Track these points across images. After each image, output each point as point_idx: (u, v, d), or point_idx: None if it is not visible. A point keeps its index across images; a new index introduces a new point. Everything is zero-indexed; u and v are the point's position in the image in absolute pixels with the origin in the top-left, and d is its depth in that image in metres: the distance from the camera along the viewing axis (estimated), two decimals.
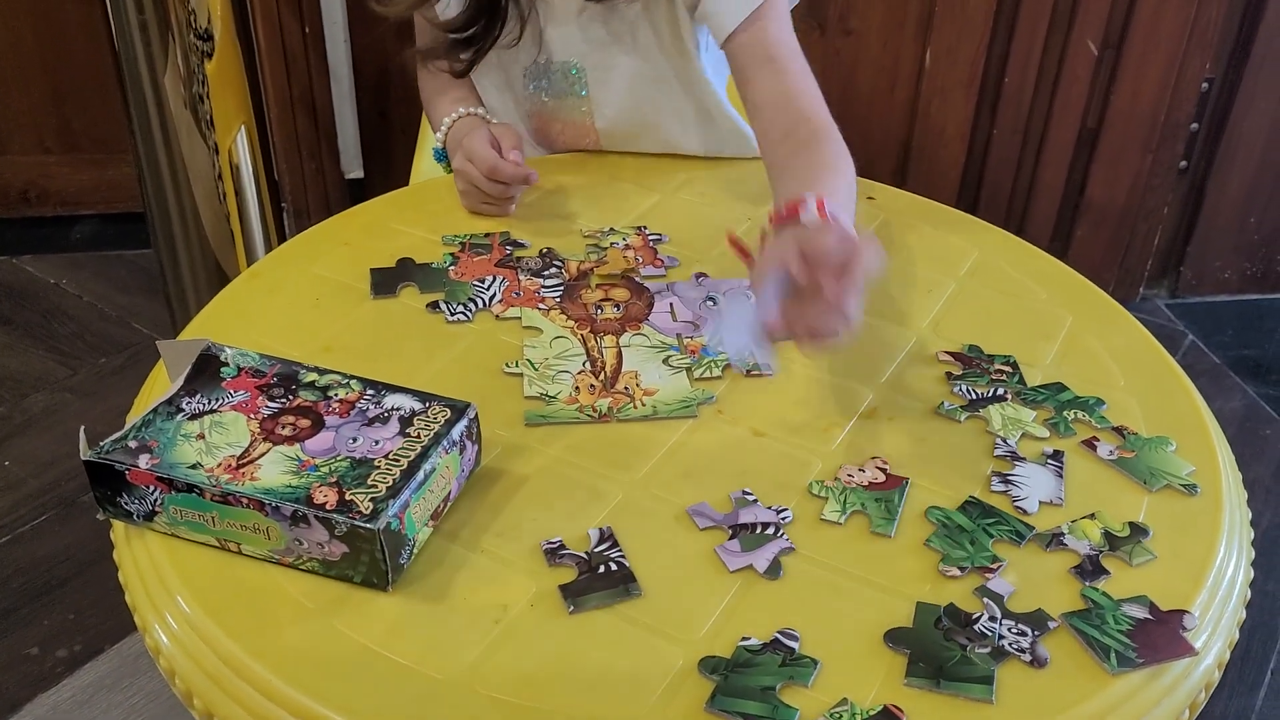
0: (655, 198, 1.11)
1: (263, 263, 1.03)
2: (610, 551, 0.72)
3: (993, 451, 0.81)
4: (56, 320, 1.97)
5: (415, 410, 0.76)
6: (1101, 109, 1.87)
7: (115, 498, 0.73)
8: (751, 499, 0.76)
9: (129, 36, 1.55)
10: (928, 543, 0.73)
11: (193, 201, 1.67)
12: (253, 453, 0.73)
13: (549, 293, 0.96)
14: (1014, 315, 0.96)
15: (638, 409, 0.83)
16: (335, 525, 0.68)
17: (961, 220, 1.11)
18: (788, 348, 0.81)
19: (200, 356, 0.80)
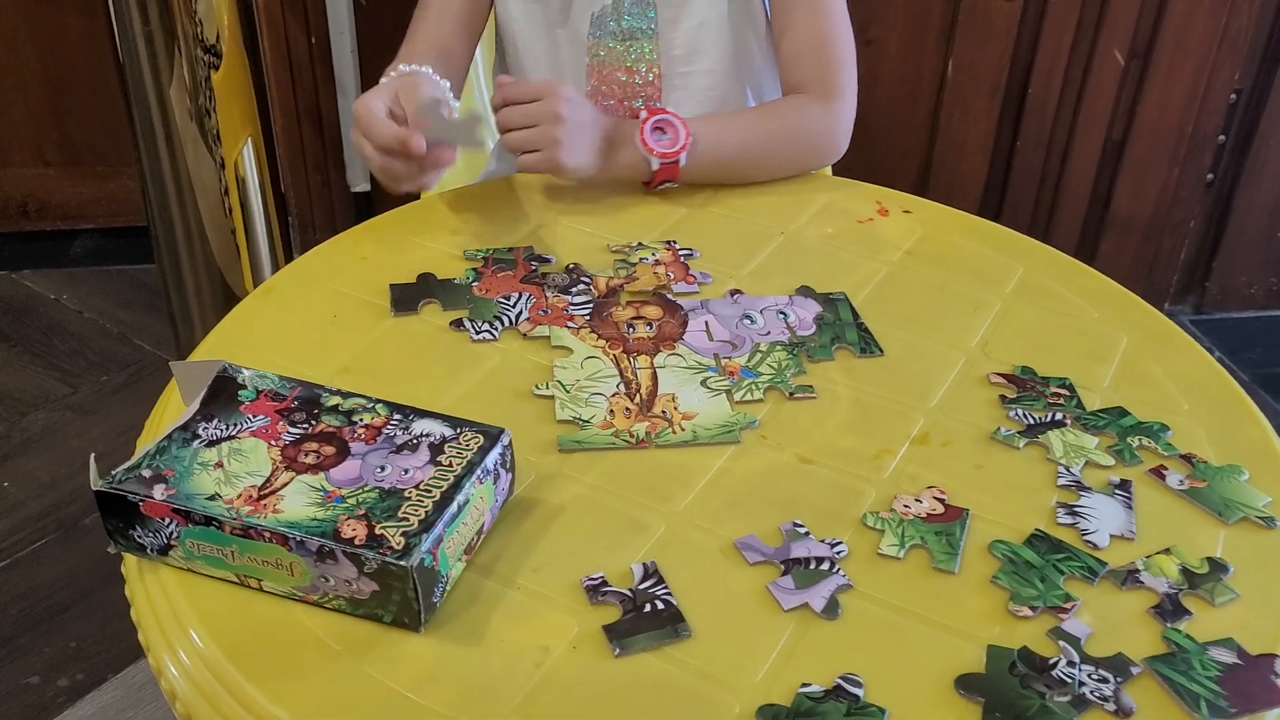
0: (683, 211, 1.07)
1: (277, 278, 0.98)
2: (656, 589, 0.68)
3: (1056, 480, 0.76)
4: (57, 337, 1.92)
5: (446, 436, 0.71)
6: (1128, 120, 1.83)
7: (128, 530, 0.68)
8: (803, 531, 0.72)
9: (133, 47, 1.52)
10: (994, 580, 0.69)
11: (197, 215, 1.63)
12: (275, 482, 0.68)
13: (578, 310, 0.91)
14: (1065, 335, 0.92)
15: (677, 434, 0.79)
16: (365, 561, 0.63)
17: (1003, 235, 1.07)
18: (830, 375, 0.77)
19: (216, 378, 0.76)
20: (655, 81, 1.11)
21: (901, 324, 0.92)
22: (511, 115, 1.01)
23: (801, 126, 1.09)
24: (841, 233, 1.04)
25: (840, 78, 1.09)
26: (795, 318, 0.91)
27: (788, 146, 1.09)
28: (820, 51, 1.09)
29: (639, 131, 1.04)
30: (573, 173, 1.03)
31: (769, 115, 1.11)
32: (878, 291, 0.96)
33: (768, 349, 0.88)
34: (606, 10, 1.09)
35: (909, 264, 1.00)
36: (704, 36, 1.11)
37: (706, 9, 1.10)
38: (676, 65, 1.12)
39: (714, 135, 1.06)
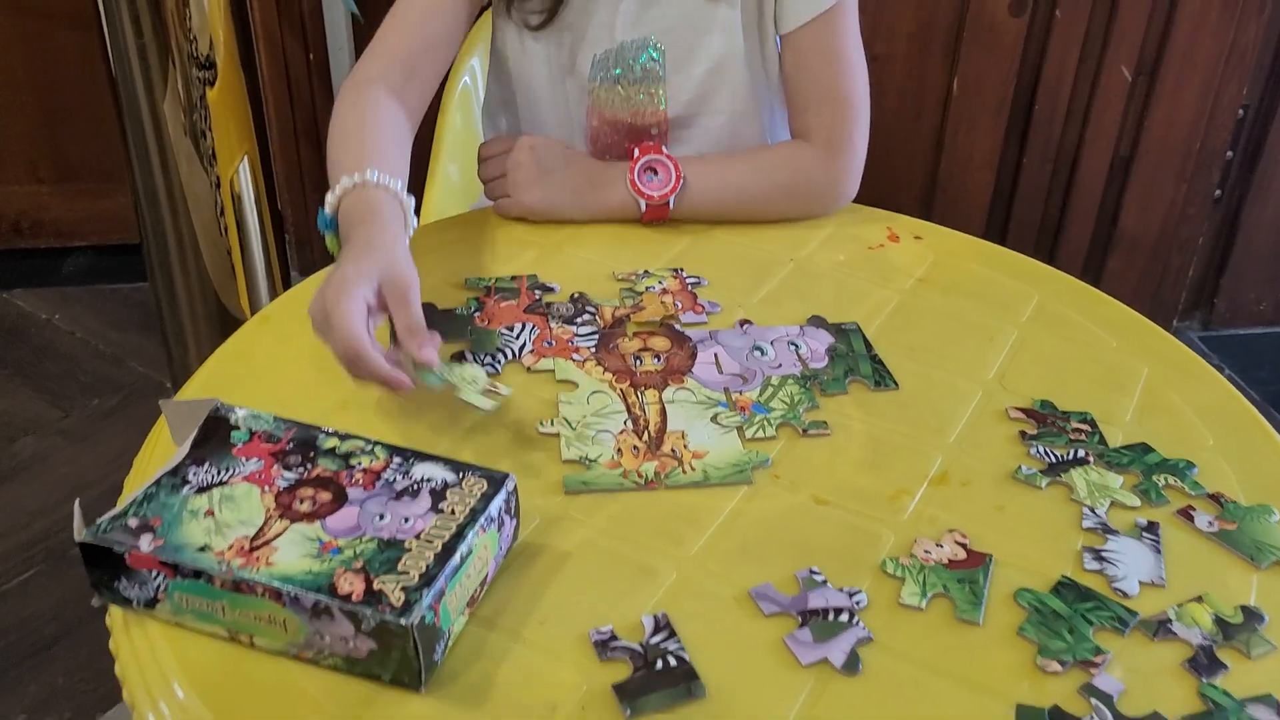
0: (689, 238, 1.04)
1: (274, 306, 0.95)
2: (668, 643, 0.65)
3: (1081, 523, 0.74)
4: (48, 358, 1.89)
5: (448, 482, 0.68)
6: (1135, 136, 1.81)
7: (113, 582, 0.65)
8: (820, 579, 0.69)
9: (127, 62, 1.49)
10: (1021, 631, 0.66)
11: (192, 232, 1.60)
12: (268, 532, 0.65)
13: (583, 342, 0.88)
14: (1085, 366, 0.89)
15: (687, 474, 0.76)
16: (362, 619, 0.60)
17: (1016, 261, 1.04)
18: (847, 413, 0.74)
19: (208, 419, 0.73)
20: (661, 124, 1.08)
21: (916, 355, 0.89)
22: (485, 168, 1.05)
23: (800, 179, 1.05)
24: (852, 259, 1.02)
25: (848, 131, 1.05)
26: (807, 349, 0.89)
27: (784, 197, 1.05)
28: (831, 102, 1.05)
29: (629, 172, 1.02)
30: (542, 213, 1.03)
31: (768, 164, 1.06)
32: (890, 321, 0.93)
33: (779, 382, 0.85)
34: (610, 54, 1.05)
35: (921, 292, 0.98)
36: (716, 80, 1.07)
37: (719, 52, 1.05)
38: (687, 108, 1.08)
39: (707, 180, 1.03)
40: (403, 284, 0.78)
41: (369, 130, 0.93)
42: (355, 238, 0.83)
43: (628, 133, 1.08)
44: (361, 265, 0.78)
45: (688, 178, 1.02)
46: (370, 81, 0.98)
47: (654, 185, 1.02)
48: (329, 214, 0.88)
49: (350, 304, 0.74)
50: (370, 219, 0.84)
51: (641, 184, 1.02)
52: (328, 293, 0.76)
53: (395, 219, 0.85)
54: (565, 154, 1.04)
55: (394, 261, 0.79)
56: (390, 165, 0.89)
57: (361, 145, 0.91)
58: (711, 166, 1.04)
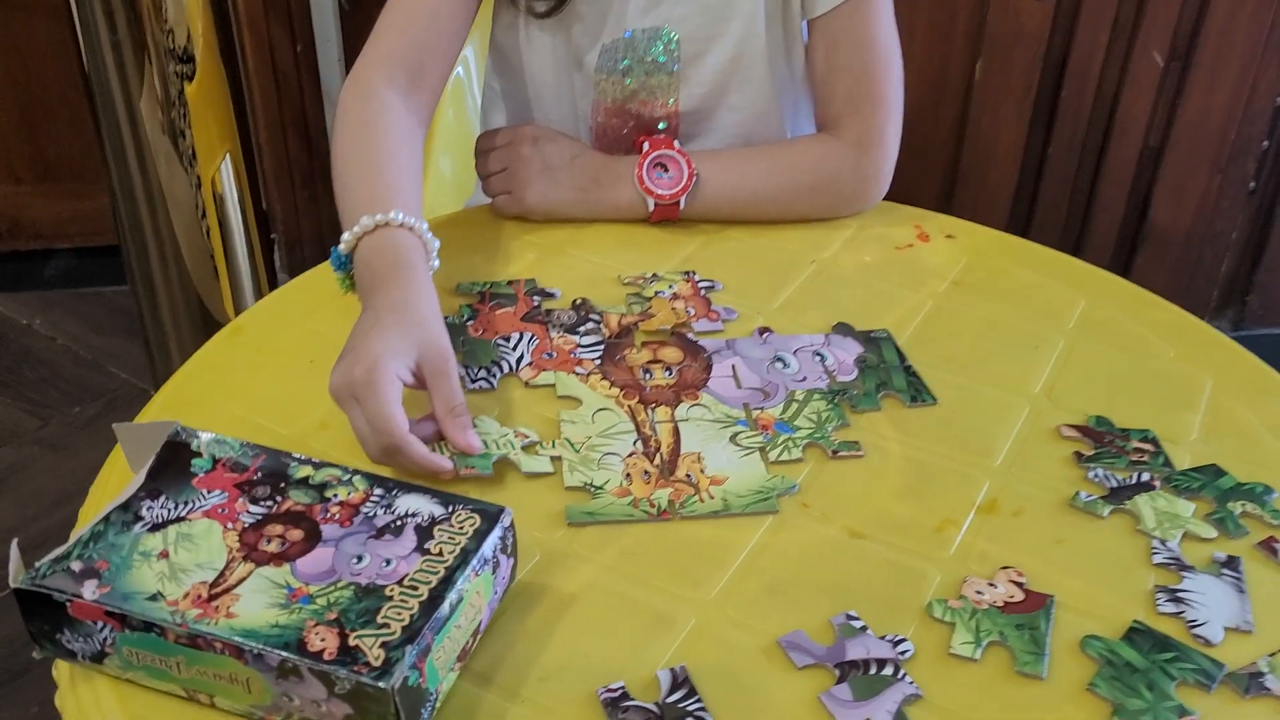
0: (701, 238, 0.95)
1: (247, 316, 0.87)
2: (688, 702, 0.56)
3: (1150, 557, 0.65)
4: (26, 365, 1.81)
5: (435, 516, 0.60)
6: (1166, 125, 1.73)
7: (55, 634, 0.57)
8: (859, 626, 0.60)
9: (100, 57, 1.42)
10: (1092, 687, 0.57)
11: (172, 234, 1.52)
12: (229, 577, 0.57)
13: (587, 353, 0.80)
14: (1142, 378, 0.81)
15: (705, 503, 0.68)
16: (336, 681, 0.52)
17: (1059, 261, 0.96)
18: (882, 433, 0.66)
19: (166, 445, 0.64)
20: (672, 119, 0.99)
21: (954, 366, 0.81)
22: (483, 162, 0.97)
23: (826, 177, 0.96)
24: (879, 261, 0.93)
25: (880, 125, 0.96)
26: (834, 360, 0.80)
27: (807, 198, 0.96)
28: (862, 92, 0.96)
29: (637, 168, 0.93)
30: (543, 212, 0.95)
31: (790, 161, 0.97)
32: (924, 328, 0.85)
33: (804, 398, 0.76)
34: (619, 44, 0.97)
35: (956, 296, 0.89)
36: (734, 73, 0.98)
37: (738, 43, 0.97)
38: (701, 102, 0.99)
39: (722, 177, 0.94)
40: (441, 358, 0.71)
41: (384, 153, 0.84)
42: (384, 299, 0.74)
43: (636, 125, 1.00)
44: (396, 339, 0.70)
45: (700, 175, 0.93)
46: (377, 85, 0.88)
47: (664, 183, 0.93)
48: (344, 253, 0.80)
49: (387, 390, 0.67)
50: (399, 274, 0.76)
51: (650, 181, 0.93)
52: (356, 372, 0.68)
53: (424, 270, 0.77)
54: (570, 147, 0.96)
55: (432, 334, 0.72)
56: (411, 198, 0.81)
57: (377, 172, 0.83)
58: (727, 163, 0.95)
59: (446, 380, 0.70)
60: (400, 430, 0.66)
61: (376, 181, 0.82)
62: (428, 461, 0.68)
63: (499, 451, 0.70)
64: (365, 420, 0.67)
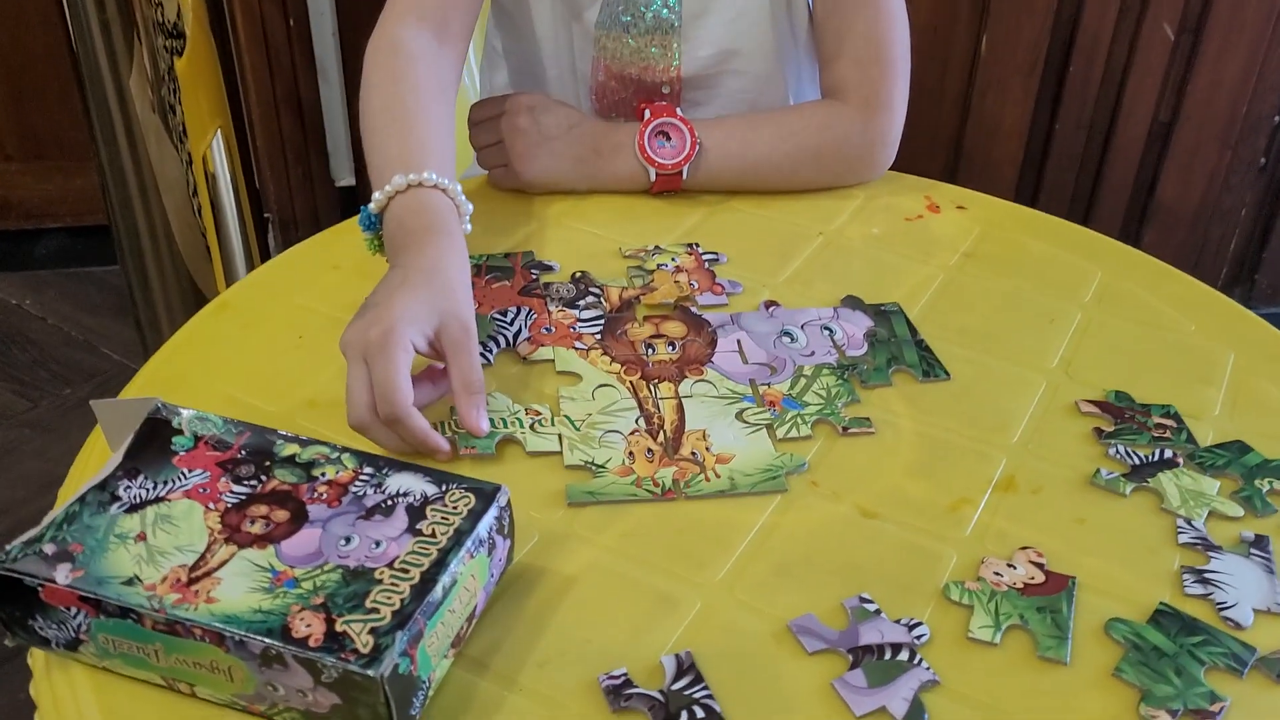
0: (704, 209, 0.92)
1: (233, 291, 0.84)
2: (694, 690, 0.54)
3: (1176, 537, 0.63)
4: (16, 345, 1.78)
5: (428, 496, 0.57)
6: (1176, 100, 1.70)
7: (27, 620, 0.54)
8: (873, 609, 0.58)
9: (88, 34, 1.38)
10: (1118, 672, 0.55)
11: (163, 214, 1.49)
12: (210, 560, 0.54)
13: (586, 328, 0.77)
14: (1161, 352, 0.78)
15: (711, 482, 0.65)
16: (323, 669, 0.49)
17: (1074, 233, 0.93)
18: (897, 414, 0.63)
19: (146, 422, 0.62)
20: (674, 81, 0.96)
21: (967, 341, 0.78)
22: (478, 133, 0.93)
23: (833, 142, 0.93)
24: (888, 233, 0.90)
25: (888, 87, 0.93)
26: (843, 334, 0.77)
27: (814, 165, 0.93)
28: (869, 53, 0.93)
29: (638, 136, 0.90)
30: (542, 185, 0.92)
31: (796, 127, 0.93)
32: (935, 301, 0.82)
33: (813, 373, 0.74)
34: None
35: (969, 268, 0.87)
36: (738, 33, 0.95)
37: (742, 2, 0.94)
38: (704, 66, 0.96)
39: (726, 146, 0.91)
40: (463, 330, 0.68)
41: (415, 110, 0.82)
42: (416, 260, 0.72)
43: (636, 89, 0.96)
44: (420, 303, 0.68)
45: (704, 144, 0.90)
46: (405, 39, 0.85)
47: (666, 152, 0.90)
48: (374, 212, 0.77)
49: (399, 357, 0.64)
50: (433, 237, 0.73)
51: (652, 150, 0.90)
52: (373, 333, 0.65)
53: (459, 235, 0.75)
54: (567, 116, 0.92)
55: (458, 304, 0.69)
56: (444, 157, 0.79)
57: (408, 130, 0.80)
58: (730, 131, 0.92)
59: (466, 355, 0.67)
60: (405, 401, 0.64)
61: (408, 139, 0.79)
62: (427, 437, 0.65)
63: (505, 430, 0.68)
64: (365, 383, 0.65)
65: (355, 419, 0.65)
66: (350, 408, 0.66)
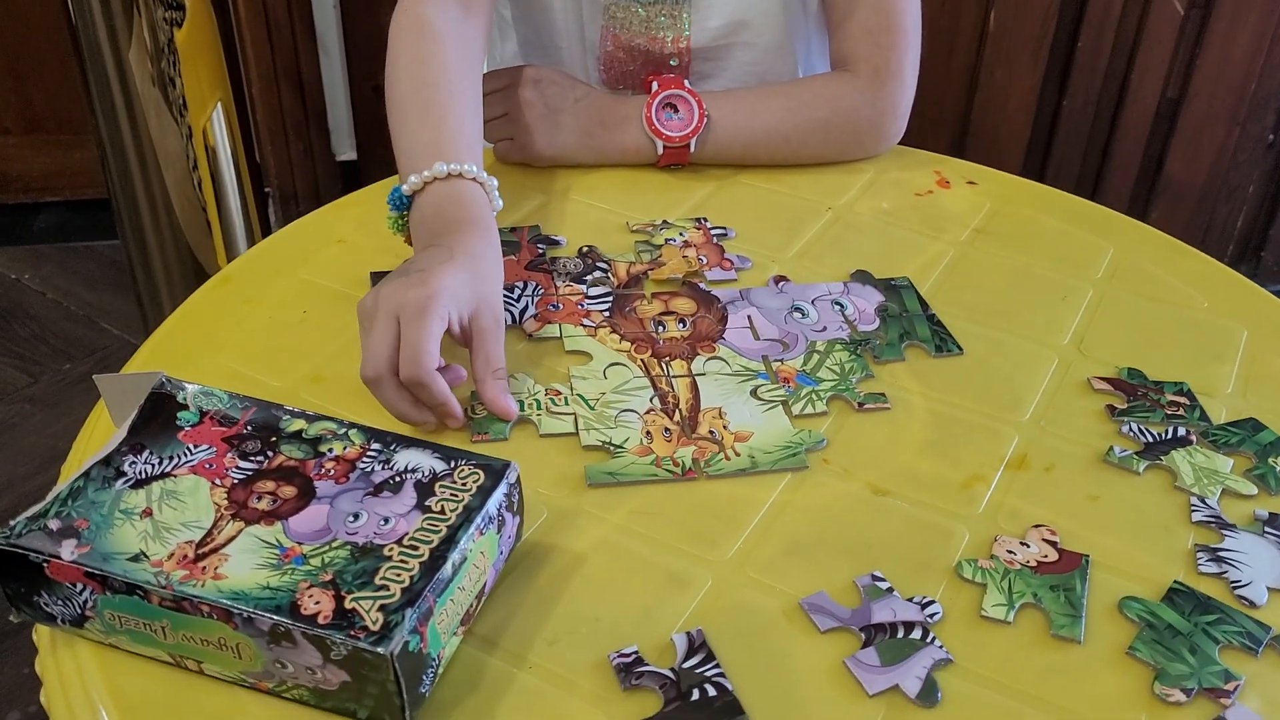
0: (712, 183, 0.91)
1: (236, 265, 0.83)
2: (706, 668, 0.53)
3: (1189, 515, 0.62)
4: (16, 320, 1.77)
5: (437, 472, 0.57)
6: (1185, 76, 1.68)
7: (32, 596, 0.54)
8: (885, 587, 0.57)
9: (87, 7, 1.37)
10: (1132, 651, 0.54)
11: (163, 188, 1.48)
12: (217, 536, 0.54)
13: (594, 305, 0.76)
14: (1173, 329, 0.77)
15: (731, 460, 0.64)
16: (332, 646, 0.49)
17: (1085, 210, 0.92)
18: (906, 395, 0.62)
19: (150, 397, 0.61)
20: (684, 53, 0.95)
21: (978, 317, 0.77)
22: (484, 107, 0.90)
23: (842, 114, 0.92)
24: (898, 207, 0.89)
25: (899, 58, 0.91)
26: (854, 309, 0.77)
27: (823, 137, 0.92)
28: (879, 23, 0.91)
29: (645, 109, 0.89)
30: (548, 158, 0.91)
31: (804, 98, 0.92)
32: (946, 277, 0.82)
33: (826, 348, 0.73)
34: None
35: (979, 244, 0.86)
36: (748, 3, 0.94)
37: None
38: (714, 37, 0.95)
39: (734, 118, 0.90)
40: (495, 319, 0.69)
41: (445, 93, 0.81)
42: (461, 244, 0.71)
43: (645, 60, 0.95)
44: (463, 284, 0.68)
45: (711, 116, 0.89)
46: (429, 16, 0.84)
47: (673, 125, 0.89)
48: (407, 194, 0.77)
49: (435, 324, 0.65)
50: (475, 229, 0.73)
51: (659, 123, 0.89)
52: (413, 294, 0.65)
53: (495, 231, 0.75)
54: (574, 89, 0.91)
55: (494, 294, 0.70)
56: (475, 144, 0.79)
57: (443, 116, 0.79)
58: (738, 103, 0.91)
59: (495, 341, 0.68)
60: (431, 365, 0.64)
61: (441, 126, 0.78)
62: (448, 400, 0.65)
63: (522, 413, 0.67)
64: (389, 340, 0.65)
65: (370, 372, 0.65)
66: (368, 361, 0.65)
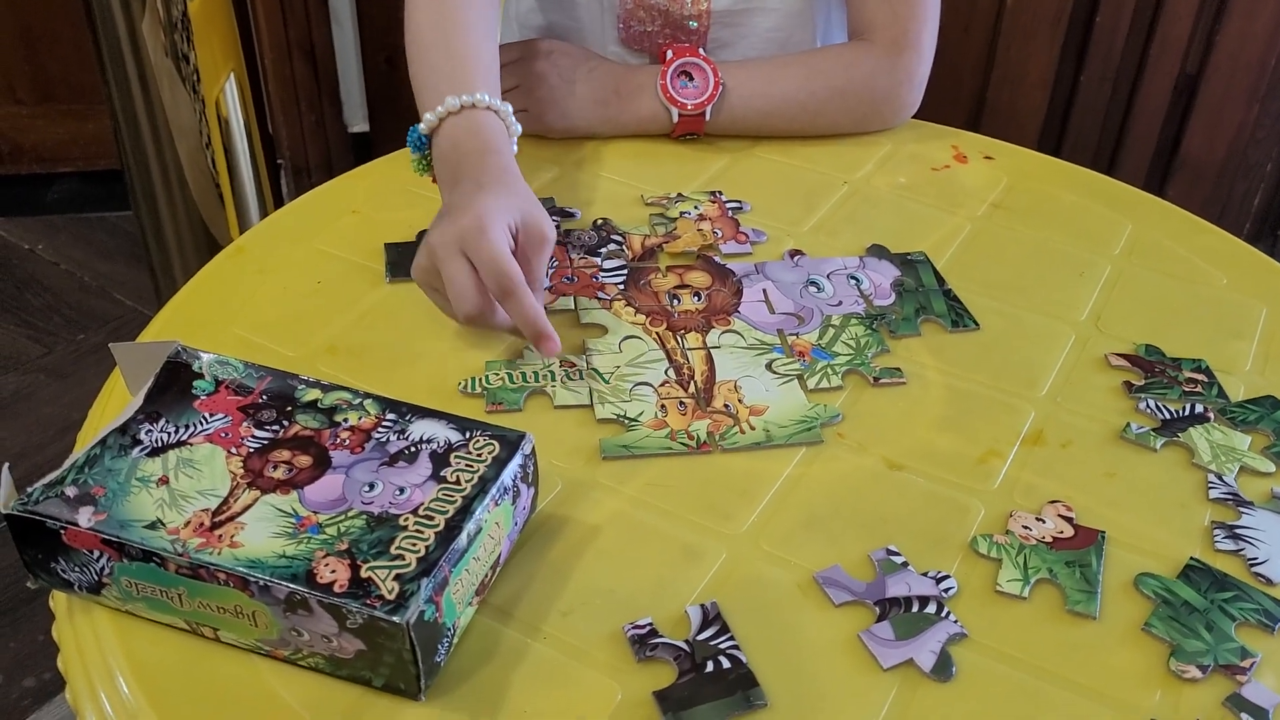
0: (727, 156, 0.91)
1: (250, 235, 0.83)
2: (720, 640, 0.53)
3: (1206, 492, 0.62)
4: (30, 291, 1.77)
5: (452, 443, 0.57)
6: (1204, 52, 1.66)
7: (49, 563, 0.54)
8: (900, 561, 0.57)
9: None
10: (1147, 627, 0.54)
11: (176, 159, 1.48)
12: (233, 504, 0.54)
13: (609, 278, 0.76)
14: (1191, 306, 0.77)
15: (746, 434, 0.64)
16: (348, 615, 0.49)
17: (1103, 185, 0.91)
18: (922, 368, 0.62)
19: (166, 366, 0.61)
20: (704, 15, 0.94)
21: (995, 292, 0.77)
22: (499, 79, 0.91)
23: (859, 83, 0.91)
24: (915, 182, 0.89)
25: (917, 27, 0.90)
26: (869, 283, 0.76)
27: (839, 105, 0.91)
28: (906, 24, 0.90)
29: (660, 77, 0.88)
30: (563, 129, 0.91)
31: (821, 66, 0.92)
32: (963, 252, 0.81)
33: (841, 323, 0.73)
34: None
35: (996, 219, 0.85)
36: None
37: None
38: (734, 1, 0.94)
39: (749, 87, 0.90)
40: (540, 233, 0.69)
41: (463, 28, 0.81)
42: (485, 173, 0.72)
43: (665, 21, 0.94)
44: (504, 200, 0.69)
45: (726, 84, 0.89)
46: None
47: (688, 92, 0.89)
48: (424, 133, 0.77)
49: (500, 235, 0.66)
50: (493, 156, 0.74)
51: (674, 91, 0.88)
52: (464, 221, 0.66)
53: (512, 157, 0.75)
54: (586, 59, 0.91)
55: (535, 204, 0.71)
56: (493, 77, 0.80)
57: (460, 49, 0.80)
58: (754, 71, 0.90)
59: (540, 258, 0.69)
60: (518, 273, 0.65)
61: (457, 58, 0.79)
62: (538, 316, 0.66)
63: (536, 384, 0.67)
64: (467, 272, 0.65)
65: (468, 308, 0.66)
66: (458, 300, 0.66)
